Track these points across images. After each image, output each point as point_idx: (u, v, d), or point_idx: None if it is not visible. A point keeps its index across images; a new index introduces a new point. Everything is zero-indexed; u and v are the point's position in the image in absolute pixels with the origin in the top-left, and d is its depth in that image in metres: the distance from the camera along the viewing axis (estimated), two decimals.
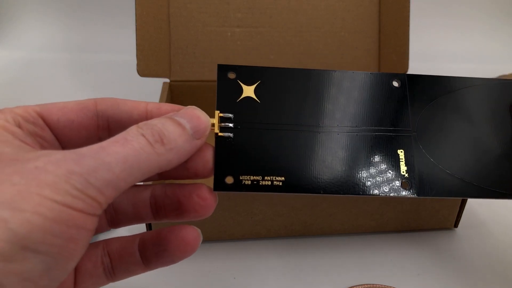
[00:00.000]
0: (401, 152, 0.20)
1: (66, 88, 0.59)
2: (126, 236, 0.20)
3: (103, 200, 0.15)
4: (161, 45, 0.45)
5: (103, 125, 0.19)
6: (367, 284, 0.30)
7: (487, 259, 0.34)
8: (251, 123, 0.21)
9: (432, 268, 0.33)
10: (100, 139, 0.18)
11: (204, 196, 0.19)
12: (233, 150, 0.20)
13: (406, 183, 0.20)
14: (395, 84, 0.22)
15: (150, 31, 0.44)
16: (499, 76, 0.68)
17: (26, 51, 0.69)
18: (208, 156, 0.19)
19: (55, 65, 0.66)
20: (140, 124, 0.17)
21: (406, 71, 0.48)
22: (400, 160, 0.20)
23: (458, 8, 0.79)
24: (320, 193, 0.19)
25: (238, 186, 0.19)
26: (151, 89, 0.56)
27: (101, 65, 0.66)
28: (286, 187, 0.19)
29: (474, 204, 0.40)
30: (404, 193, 0.20)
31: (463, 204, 0.35)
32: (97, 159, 0.15)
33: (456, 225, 0.36)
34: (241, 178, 0.19)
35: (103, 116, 0.19)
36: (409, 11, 0.46)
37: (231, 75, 0.21)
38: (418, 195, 0.20)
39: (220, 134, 0.20)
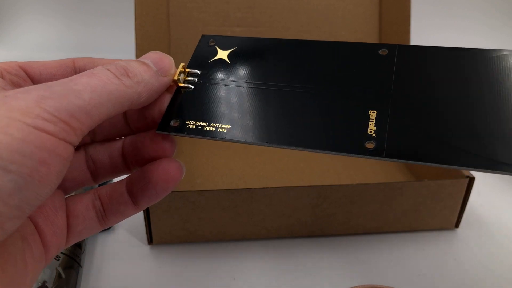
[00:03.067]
0: (373, 112, 0.19)
1: None
2: (115, 181, 0.21)
3: (76, 125, 0.15)
4: (161, 45, 0.45)
5: None
6: (367, 285, 0.30)
7: (488, 260, 0.34)
8: (215, 79, 0.21)
9: (433, 269, 0.33)
10: None
11: (157, 141, 0.20)
12: (188, 99, 0.20)
13: (371, 143, 0.18)
14: (382, 53, 0.21)
15: (149, 31, 0.44)
16: None
17: (24, 51, 0.69)
18: (165, 103, 0.20)
19: None
20: (105, 64, 0.18)
21: None
22: (370, 120, 0.19)
23: (458, 8, 0.79)
24: (264, 143, 0.19)
25: (181, 129, 0.19)
26: None
27: None
28: (230, 134, 0.19)
29: (475, 204, 0.40)
30: (367, 154, 0.18)
31: (464, 204, 0.35)
32: (66, 87, 0.15)
33: (457, 225, 0.36)
34: (187, 122, 0.20)
35: (80, 71, 0.20)
36: (410, 11, 0.46)
37: (211, 42, 0.23)
38: (380, 156, 0.18)
39: (180, 84, 0.20)
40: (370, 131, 0.18)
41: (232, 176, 0.41)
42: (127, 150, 0.21)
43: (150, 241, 0.33)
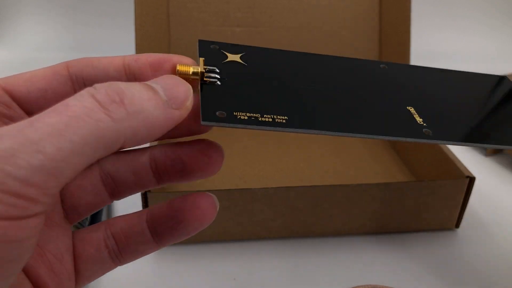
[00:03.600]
0: (411, 108, 0.20)
1: None
2: (130, 214, 0.18)
3: (38, 193, 0.11)
4: (161, 45, 0.45)
5: (81, 89, 0.15)
6: (368, 285, 0.30)
7: (489, 260, 0.34)
8: (241, 75, 0.19)
9: (433, 269, 0.33)
10: None
11: (209, 153, 0.17)
12: (222, 92, 0.17)
13: (427, 130, 0.19)
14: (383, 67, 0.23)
15: (149, 31, 0.44)
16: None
17: (24, 51, 0.69)
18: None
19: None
20: (97, 84, 0.13)
21: None
22: (413, 113, 0.20)
23: (458, 8, 0.79)
24: (333, 131, 0.18)
25: (232, 119, 0.16)
26: None
27: None
28: (290, 124, 0.17)
29: (475, 205, 0.40)
30: (429, 139, 0.19)
31: (464, 204, 0.35)
32: (18, 138, 0.11)
33: (457, 225, 0.36)
34: (235, 114, 0.16)
35: (77, 79, 0.16)
36: (410, 11, 0.46)
37: (215, 47, 0.21)
38: (437, 139, 0.19)
39: (206, 79, 0.17)
40: (420, 122, 0.20)
41: (232, 176, 0.41)
42: (161, 163, 0.18)
43: None
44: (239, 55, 0.21)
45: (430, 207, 0.35)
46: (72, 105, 0.12)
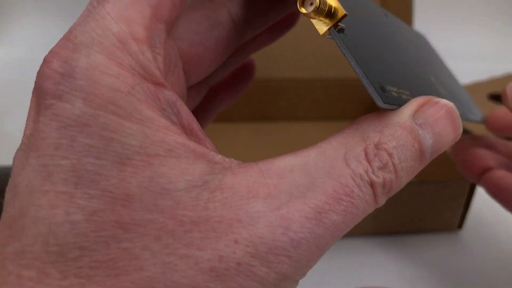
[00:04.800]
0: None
1: None
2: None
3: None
4: None
5: None
6: (369, 287, 0.30)
7: (492, 262, 0.34)
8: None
9: (435, 271, 0.33)
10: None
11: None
12: (364, 52, 0.13)
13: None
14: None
15: None
16: (504, 74, 0.68)
17: (25, 51, 0.68)
18: None
19: None
20: (370, 153, 0.12)
21: None
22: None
23: (462, 6, 0.79)
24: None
25: (398, 99, 0.13)
26: None
27: None
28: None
29: (479, 205, 0.39)
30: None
31: (467, 205, 0.35)
32: (311, 234, 0.11)
33: (460, 226, 0.36)
34: (388, 88, 0.13)
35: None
36: (411, 10, 0.46)
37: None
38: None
39: (340, 24, 0.13)
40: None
41: None
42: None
43: None
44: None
45: (433, 208, 0.34)
46: (356, 197, 0.12)
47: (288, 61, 0.48)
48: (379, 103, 0.12)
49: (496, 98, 0.59)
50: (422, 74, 0.17)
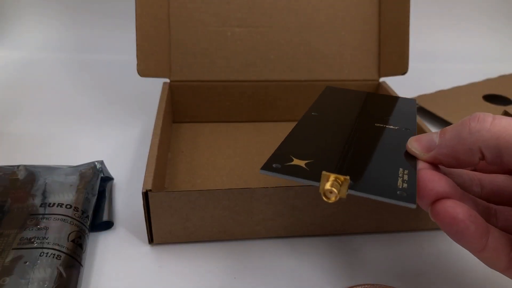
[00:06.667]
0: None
1: (65, 88, 0.59)
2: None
3: None
4: (161, 45, 0.45)
5: None
6: (367, 284, 0.30)
7: None
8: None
9: (433, 269, 0.33)
10: None
11: None
12: None
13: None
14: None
15: (150, 31, 0.44)
16: (499, 76, 0.68)
17: (25, 51, 0.69)
18: None
19: (55, 65, 0.66)
20: None
21: (406, 71, 0.48)
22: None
23: (458, 8, 0.79)
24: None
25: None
26: (151, 89, 0.56)
27: (101, 65, 0.66)
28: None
29: None
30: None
31: None
32: None
33: None
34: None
35: None
36: (409, 11, 0.46)
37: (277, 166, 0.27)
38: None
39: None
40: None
41: (232, 176, 0.41)
42: None
43: (151, 240, 0.33)
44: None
45: None
46: None
47: (285, 64, 0.48)
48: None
49: (491, 99, 0.59)
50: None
